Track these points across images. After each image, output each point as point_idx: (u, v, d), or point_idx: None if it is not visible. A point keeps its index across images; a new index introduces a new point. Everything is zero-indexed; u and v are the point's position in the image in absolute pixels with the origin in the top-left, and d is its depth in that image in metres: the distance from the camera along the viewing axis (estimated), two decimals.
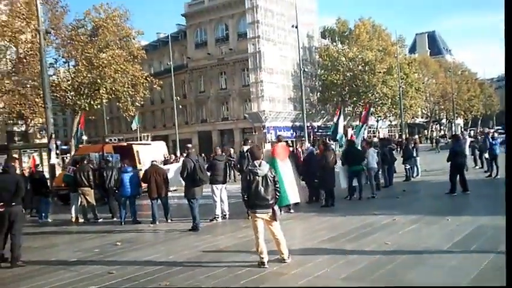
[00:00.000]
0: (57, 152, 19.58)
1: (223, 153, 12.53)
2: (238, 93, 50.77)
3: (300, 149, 15.04)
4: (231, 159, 18.42)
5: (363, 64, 48.83)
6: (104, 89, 27.33)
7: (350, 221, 9.53)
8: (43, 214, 13.15)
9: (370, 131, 61.62)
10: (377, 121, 55.36)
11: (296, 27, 34.74)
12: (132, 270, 6.67)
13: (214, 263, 6.87)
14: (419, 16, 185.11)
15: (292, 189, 10.91)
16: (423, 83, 58.69)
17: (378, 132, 59.52)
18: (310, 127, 51.72)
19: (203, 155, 32.62)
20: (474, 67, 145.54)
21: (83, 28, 27.84)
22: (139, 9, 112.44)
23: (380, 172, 15.08)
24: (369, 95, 48.39)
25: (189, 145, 10.14)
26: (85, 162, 12.58)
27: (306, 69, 54.13)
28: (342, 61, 50.61)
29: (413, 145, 17.61)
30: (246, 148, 10.72)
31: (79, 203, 12.36)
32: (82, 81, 27.44)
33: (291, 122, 51.15)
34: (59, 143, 22.32)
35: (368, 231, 8.35)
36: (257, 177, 6.42)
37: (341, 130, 19.27)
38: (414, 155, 17.14)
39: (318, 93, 54.27)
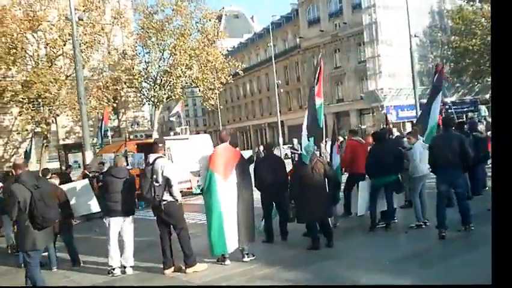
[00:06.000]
0: None
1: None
2: (353, 71, 44.42)
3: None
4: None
5: None
6: (177, 78, 24.63)
7: None
8: None
9: None
10: None
11: None
12: None
13: None
14: None
15: (234, 227, 6.28)
16: None
17: None
18: (441, 104, 42.89)
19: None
20: None
21: (156, 14, 25.38)
22: None
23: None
24: None
25: (18, 161, 5.95)
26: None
27: (436, 37, 45.29)
28: (481, 22, 40.29)
29: None
30: (153, 157, 6.28)
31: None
32: (158, 71, 25.31)
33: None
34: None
35: None
36: None
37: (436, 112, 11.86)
38: None
39: (452, 64, 44.57)
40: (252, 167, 7.14)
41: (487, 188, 10.13)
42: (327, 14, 46.26)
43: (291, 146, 36.74)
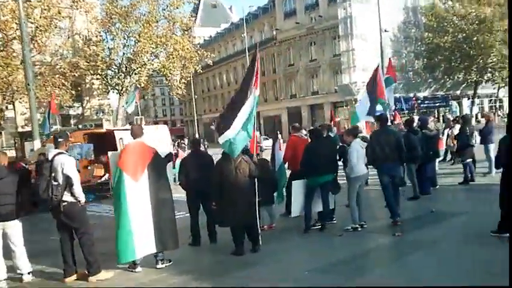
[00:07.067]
0: None
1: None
2: (328, 64, 43.94)
3: None
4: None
5: (477, 22, 38.03)
6: (142, 66, 23.61)
7: None
8: None
9: (491, 100, 49.42)
10: (498, 89, 43.54)
11: None
12: None
13: None
14: None
15: (146, 233, 5.57)
16: None
17: (502, 102, 47.42)
18: (414, 98, 42.95)
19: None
20: None
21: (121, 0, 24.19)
22: None
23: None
24: (485, 58, 37.66)
25: None
26: None
27: (410, 33, 45.09)
28: (452, 20, 40.37)
29: (472, 127, 10.35)
30: (52, 153, 5.49)
31: None
32: (122, 58, 24.25)
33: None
34: None
35: None
36: None
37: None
38: (474, 142, 10.06)
39: (425, 60, 44.51)
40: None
41: (437, 187, 9.72)
42: (303, 6, 45.57)
43: (265, 137, 36.36)
